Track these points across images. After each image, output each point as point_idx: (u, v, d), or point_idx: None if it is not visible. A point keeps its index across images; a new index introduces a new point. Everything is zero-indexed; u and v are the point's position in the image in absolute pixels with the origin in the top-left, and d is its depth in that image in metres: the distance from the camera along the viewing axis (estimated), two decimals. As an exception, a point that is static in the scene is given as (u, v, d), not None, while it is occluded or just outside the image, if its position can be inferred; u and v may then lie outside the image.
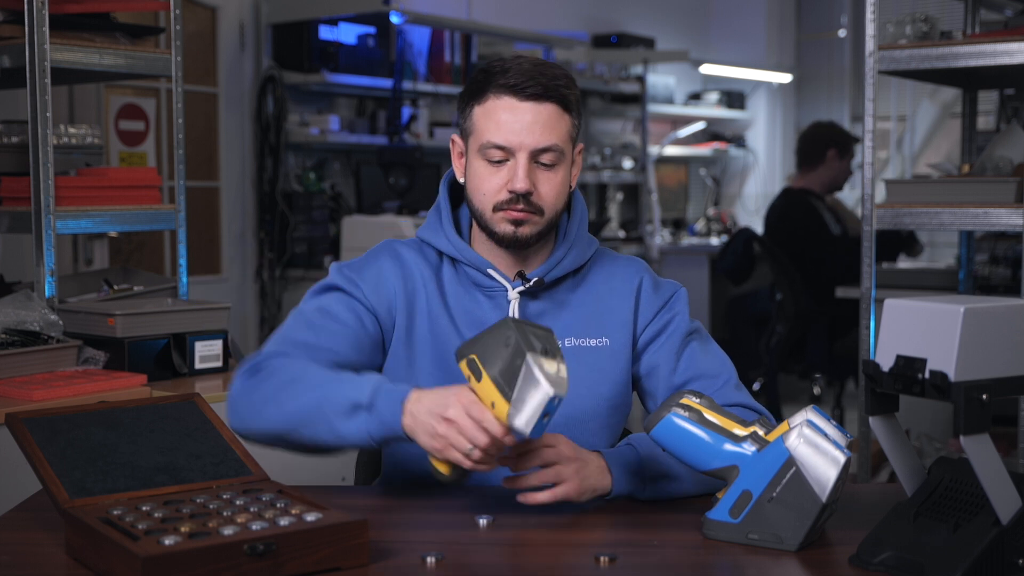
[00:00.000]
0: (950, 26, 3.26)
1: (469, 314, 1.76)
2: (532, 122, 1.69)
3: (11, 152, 2.86)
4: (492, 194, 1.72)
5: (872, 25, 3.02)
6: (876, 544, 1.37)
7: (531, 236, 1.74)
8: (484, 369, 1.45)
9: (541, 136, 1.69)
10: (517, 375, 1.42)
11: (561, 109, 1.71)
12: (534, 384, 1.41)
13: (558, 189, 1.73)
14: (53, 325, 2.55)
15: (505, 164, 1.71)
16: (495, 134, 1.70)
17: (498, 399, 1.43)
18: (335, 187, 5.44)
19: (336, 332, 1.71)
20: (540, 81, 1.69)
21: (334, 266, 1.80)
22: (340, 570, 1.33)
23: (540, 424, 1.42)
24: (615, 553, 1.40)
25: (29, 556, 1.41)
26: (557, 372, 1.42)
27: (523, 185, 1.69)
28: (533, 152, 1.70)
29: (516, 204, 1.70)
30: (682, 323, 1.81)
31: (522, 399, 1.41)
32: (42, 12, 2.61)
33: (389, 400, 1.52)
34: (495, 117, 1.70)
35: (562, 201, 1.75)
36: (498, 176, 1.71)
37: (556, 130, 1.70)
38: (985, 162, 3.22)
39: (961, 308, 1.27)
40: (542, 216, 1.73)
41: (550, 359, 1.43)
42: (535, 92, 1.69)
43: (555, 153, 1.71)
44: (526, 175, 1.69)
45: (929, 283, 4.40)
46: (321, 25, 5.16)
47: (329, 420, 1.55)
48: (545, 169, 1.72)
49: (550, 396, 1.40)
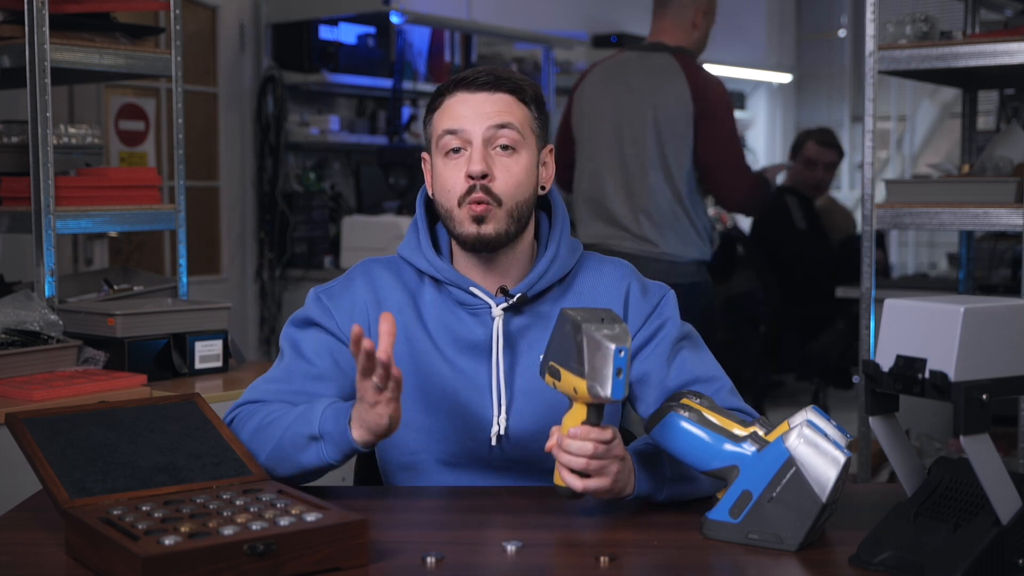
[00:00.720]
0: (950, 26, 3.26)
1: (452, 332, 1.74)
2: (485, 105, 1.69)
3: (11, 152, 2.86)
4: (454, 187, 1.70)
5: (872, 25, 3.02)
6: (876, 544, 1.37)
7: (495, 236, 1.69)
8: (559, 366, 1.49)
9: (495, 116, 1.68)
10: (582, 349, 1.44)
11: (516, 99, 1.71)
12: (596, 347, 1.43)
13: (519, 176, 1.70)
14: (53, 325, 2.55)
15: (463, 155, 1.70)
16: (449, 121, 1.69)
17: (577, 382, 1.46)
18: (335, 187, 5.44)
19: (309, 375, 1.73)
20: (493, 73, 1.71)
21: (312, 293, 1.79)
22: (340, 570, 1.33)
23: (619, 383, 1.43)
24: (615, 553, 1.40)
25: (29, 556, 1.41)
26: (617, 331, 1.45)
27: (478, 167, 1.66)
28: (487, 134, 1.68)
29: (475, 193, 1.68)
30: (672, 328, 1.77)
31: (594, 367, 1.43)
32: (42, 12, 2.61)
33: (335, 421, 1.57)
34: (449, 111, 1.70)
35: (524, 193, 1.71)
36: (457, 167, 1.70)
37: (512, 113, 1.70)
38: (985, 162, 3.22)
39: (961, 308, 1.27)
40: (501, 207, 1.69)
41: (608, 323, 1.46)
42: (486, 82, 1.69)
43: (512, 132, 1.69)
44: (481, 157, 1.67)
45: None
46: (321, 25, 5.16)
47: (292, 457, 1.61)
48: (503, 156, 1.69)
49: (613, 351, 1.42)
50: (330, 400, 1.62)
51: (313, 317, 1.76)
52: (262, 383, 1.74)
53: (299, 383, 1.72)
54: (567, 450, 1.50)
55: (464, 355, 1.73)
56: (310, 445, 1.58)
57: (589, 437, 1.49)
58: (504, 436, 1.72)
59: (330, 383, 1.73)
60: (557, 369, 1.49)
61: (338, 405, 1.59)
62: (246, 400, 1.73)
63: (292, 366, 1.74)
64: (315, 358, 1.74)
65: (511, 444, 1.73)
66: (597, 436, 1.49)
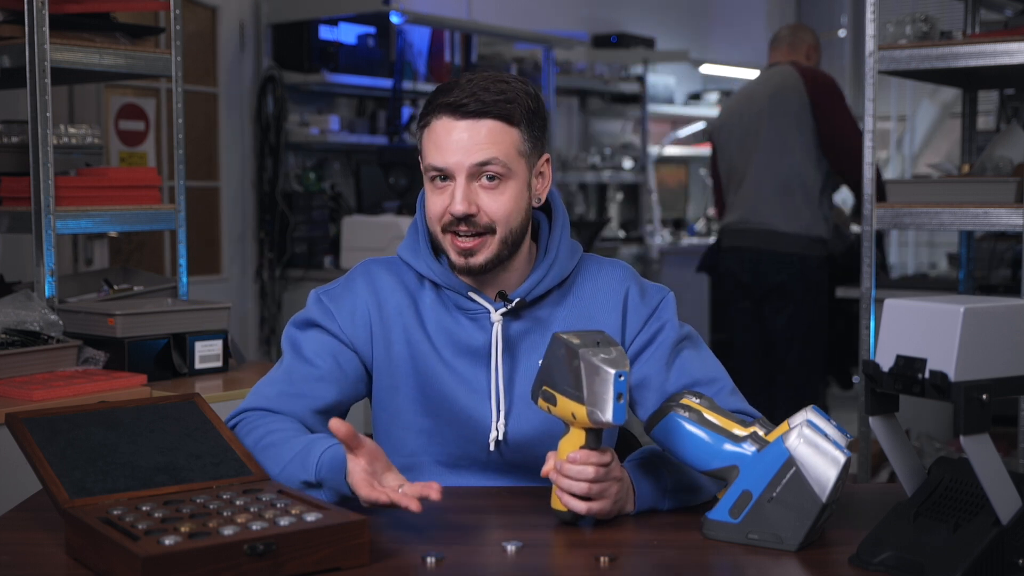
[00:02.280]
0: (950, 26, 3.26)
1: (451, 337, 1.74)
2: (468, 140, 1.65)
3: (11, 152, 2.86)
4: (437, 217, 1.69)
5: (872, 25, 3.02)
6: (876, 544, 1.37)
7: (487, 262, 1.69)
8: (554, 391, 1.49)
9: (477, 152, 1.65)
10: (580, 375, 1.44)
11: (504, 124, 1.66)
12: (595, 373, 1.43)
13: (508, 206, 1.68)
14: (53, 325, 2.55)
15: (448, 186, 1.68)
16: (434, 156, 1.67)
17: (576, 408, 1.46)
18: (335, 187, 5.44)
19: (311, 376, 1.73)
20: (480, 98, 1.65)
21: (313, 294, 1.79)
22: (340, 570, 1.33)
23: (619, 407, 1.43)
24: (615, 553, 1.40)
25: (29, 556, 1.41)
26: (614, 355, 1.45)
27: (460, 208, 1.65)
28: (471, 171, 1.65)
29: (459, 226, 1.67)
30: (671, 331, 1.76)
31: (593, 393, 1.44)
32: (42, 12, 2.61)
33: (330, 469, 1.53)
34: (435, 139, 1.67)
35: (517, 218, 1.69)
36: (441, 199, 1.68)
37: (497, 144, 1.66)
38: (985, 162, 3.22)
39: (961, 308, 1.27)
40: (494, 235, 1.68)
41: (604, 347, 1.46)
42: (472, 110, 1.65)
43: (496, 167, 1.66)
44: (464, 197, 1.65)
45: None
46: (321, 25, 5.16)
47: (287, 479, 1.58)
48: (490, 188, 1.67)
49: (613, 376, 1.42)
50: (328, 444, 1.57)
51: (314, 318, 1.76)
52: (264, 386, 1.74)
53: (300, 385, 1.72)
54: (567, 475, 1.50)
55: (463, 360, 1.73)
56: (311, 490, 1.56)
57: (589, 461, 1.49)
58: (503, 441, 1.72)
59: (332, 384, 1.73)
60: (552, 394, 1.49)
61: (335, 450, 1.54)
62: (248, 407, 1.72)
63: (293, 367, 1.74)
64: (316, 359, 1.73)
65: (510, 449, 1.73)
66: (597, 460, 1.50)
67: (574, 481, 1.50)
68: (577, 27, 6.86)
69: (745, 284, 4.41)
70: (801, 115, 4.25)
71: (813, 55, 4.52)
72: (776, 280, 4.32)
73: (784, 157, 4.28)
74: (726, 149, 4.52)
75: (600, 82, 6.77)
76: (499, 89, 1.67)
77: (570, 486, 1.50)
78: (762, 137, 4.32)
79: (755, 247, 4.34)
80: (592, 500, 1.51)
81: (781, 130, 4.28)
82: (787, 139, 4.28)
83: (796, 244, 4.28)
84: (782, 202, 4.29)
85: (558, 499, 1.52)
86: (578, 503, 1.50)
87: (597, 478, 1.50)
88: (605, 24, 7.13)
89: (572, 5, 6.97)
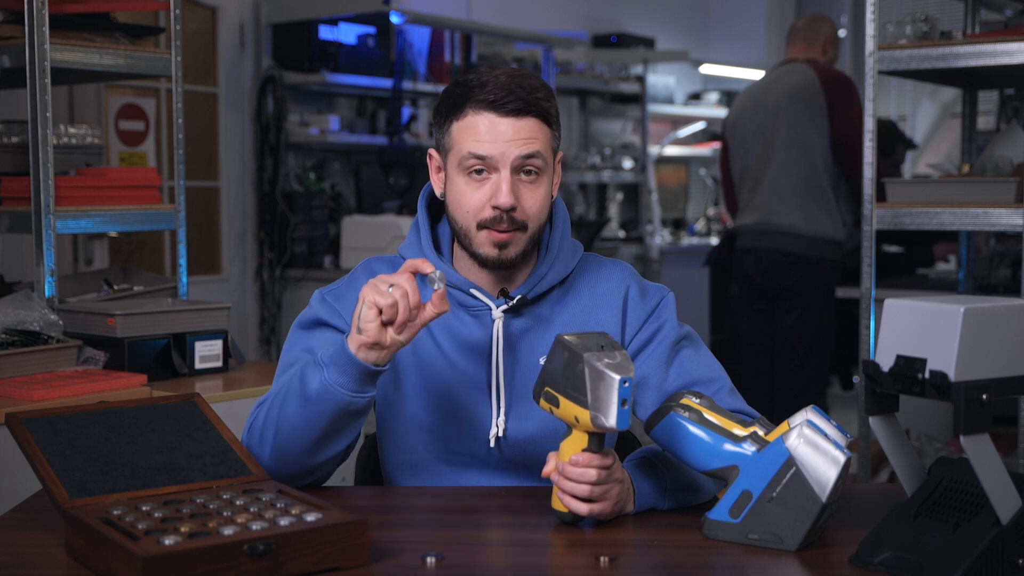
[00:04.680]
0: (950, 26, 3.26)
1: (452, 333, 1.74)
2: (514, 135, 1.66)
3: (11, 152, 2.86)
4: (475, 211, 1.68)
5: (872, 25, 3.02)
6: (876, 544, 1.37)
7: (516, 257, 1.70)
8: (557, 393, 1.48)
9: (524, 145, 1.66)
10: (584, 379, 1.44)
11: (542, 122, 1.68)
12: (600, 378, 1.43)
13: (541, 203, 1.70)
14: (53, 325, 2.55)
15: (487, 179, 1.68)
16: (476, 145, 1.66)
17: (579, 411, 1.46)
18: (335, 187, 5.44)
19: None
20: (520, 95, 1.65)
21: (316, 294, 1.78)
22: (340, 570, 1.33)
23: (623, 413, 1.43)
24: (615, 553, 1.40)
25: (29, 556, 1.41)
26: (618, 360, 1.44)
27: (507, 200, 1.65)
28: (516, 163, 1.66)
29: (500, 223, 1.67)
30: (671, 331, 1.77)
31: (597, 398, 1.43)
32: (42, 12, 2.61)
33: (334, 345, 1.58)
34: (475, 130, 1.67)
35: (545, 215, 1.72)
36: (480, 191, 1.68)
37: (538, 140, 1.67)
38: (985, 162, 3.22)
39: (961, 308, 1.27)
40: (525, 232, 1.69)
41: (608, 351, 1.46)
42: (515, 107, 1.65)
43: (539, 161, 1.67)
44: (510, 189, 1.66)
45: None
46: (321, 25, 5.16)
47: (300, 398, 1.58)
48: (528, 182, 1.68)
49: (618, 381, 1.42)
50: None
51: (321, 317, 1.76)
52: (271, 392, 1.71)
53: None
54: (569, 477, 1.50)
55: (464, 356, 1.73)
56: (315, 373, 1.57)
57: (592, 464, 1.49)
58: (503, 438, 1.72)
59: None
60: (555, 396, 1.49)
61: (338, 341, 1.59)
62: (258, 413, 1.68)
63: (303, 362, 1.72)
64: None
65: (509, 446, 1.73)
66: (600, 463, 1.50)
67: (576, 483, 1.50)
68: (577, 27, 6.86)
69: (759, 285, 4.41)
70: (819, 117, 4.25)
71: (830, 49, 4.47)
72: (789, 281, 4.32)
73: (803, 159, 4.27)
74: (740, 148, 4.49)
75: (600, 82, 6.77)
76: (531, 86, 1.68)
77: (572, 488, 1.50)
78: (780, 138, 4.31)
79: (772, 248, 4.33)
80: (593, 502, 1.51)
81: (800, 131, 4.27)
82: (805, 141, 4.27)
83: (813, 246, 4.28)
84: (802, 204, 4.28)
85: (559, 499, 1.52)
86: (579, 504, 1.50)
87: (599, 480, 1.50)
88: (605, 24, 7.13)
89: (572, 5, 6.98)
